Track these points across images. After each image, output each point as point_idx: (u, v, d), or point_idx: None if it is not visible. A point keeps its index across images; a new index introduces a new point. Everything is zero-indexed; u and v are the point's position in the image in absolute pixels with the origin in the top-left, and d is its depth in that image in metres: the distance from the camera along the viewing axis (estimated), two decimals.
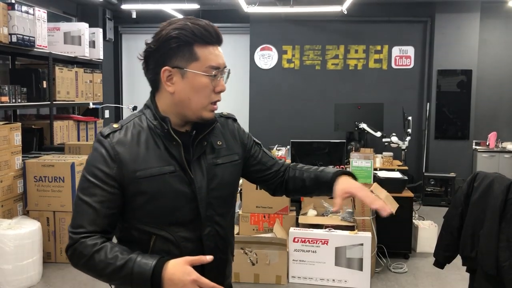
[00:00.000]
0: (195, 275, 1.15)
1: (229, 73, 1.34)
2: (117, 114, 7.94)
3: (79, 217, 1.25)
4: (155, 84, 1.34)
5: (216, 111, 1.42)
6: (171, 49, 1.26)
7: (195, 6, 6.59)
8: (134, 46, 8.06)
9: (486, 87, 7.15)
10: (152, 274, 1.16)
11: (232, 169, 1.43)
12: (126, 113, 7.88)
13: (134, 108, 6.48)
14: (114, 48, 7.90)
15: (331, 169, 1.52)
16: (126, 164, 1.26)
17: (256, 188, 4.08)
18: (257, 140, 1.58)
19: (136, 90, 8.09)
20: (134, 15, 6.97)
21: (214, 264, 1.28)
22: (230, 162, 1.42)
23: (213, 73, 1.28)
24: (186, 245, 1.31)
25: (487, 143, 6.96)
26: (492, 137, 6.93)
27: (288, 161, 1.67)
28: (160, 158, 1.29)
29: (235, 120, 1.54)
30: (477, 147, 6.94)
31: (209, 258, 1.20)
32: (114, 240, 1.33)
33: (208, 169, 1.35)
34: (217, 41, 1.30)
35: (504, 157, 6.75)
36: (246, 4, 6.36)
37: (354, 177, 1.47)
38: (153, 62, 1.31)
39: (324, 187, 1.49)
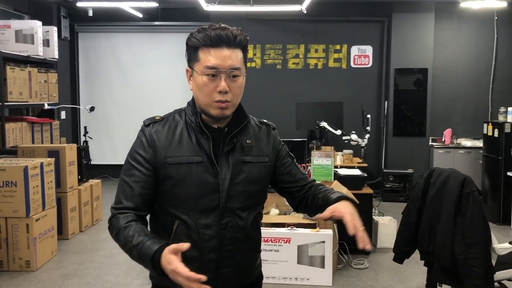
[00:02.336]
0: (174, 264, 1.20)
1: (235, 75, 1.40)
2: (74, 115, 7.71)
3: (120, 194, 1.44)
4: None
5: (257, 118, 1.61)
6: (188, 52, 1.45)
7: (154, 4, 6.47)
8: (91, 45, 7.84)
9: (441, 85, 7.37)
10: (152, 258, 1.26)
11: (260, 169, 1.52)
12: (84, 114, 7.67)
13: (92, 108, 6.30)
14: (70, 47, 7.67)
15: (339, 192, 1.57)
16: (160, 150, 1.43)
17: None
18: (291, 153, 1.66)
19: (94, 90, 7.88)
20: (90, 13, 6.79)
21: (233, 254, 1.45)
22: (259, 162, 1.51)
23: (208, 72, 1.38)
24: (205, 232, 1.42)
25: (443, 140, 7.18)
26: (447, 133, 7.15)
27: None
28: (190, 149, 1.43)
29: (273, 128, 1.64)
30: (433, 144, 7.15)
31: (186, 246, 1.23)
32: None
33: (234, 164, 1.45)
34: (220, 43, 1.38)
35: (459, 153, 6.98)
36: (206, 3, 6.30)
37: (355, 204, 1.53)
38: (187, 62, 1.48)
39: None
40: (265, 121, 1.64)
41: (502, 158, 5.60)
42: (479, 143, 6.60)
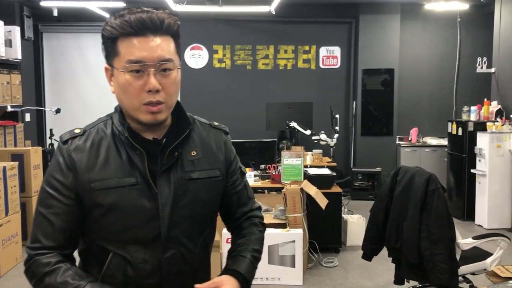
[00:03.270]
0: None
1: (166, 69, 1.14)
2: (39, 117, 7.52)
3: (36, 230, 1.17)
4: None
5: (206, 120, 1.35)
6: (104, 46, 1.17)
7: (121, 4, 6.38)
8: (57, 46, 7.66)
9: (407, 85, 7.53)
10: None
11: (210, 186, 1.26)
12: (49, 116, 7.49)
13: (58, 110, 6.17)
14: (34, 48, 7.47)
15: (239, 262, 1.30)
16: (82, 174, 1.16)
17: None
18: (243, 168, 1.40)
19: (60, 92, 7.70)
20: (55, 13, 6.63)
21: None
22: (208, 177, 1.26)
23: (131, 68, 1.11)
24: (144, 267, 1.18)
25: (409, 138, 7.34)
26: (413, 132, 7.31)
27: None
28: (120, 169, 1.17)
29: (226, 133, 1.37)
30: (400, 142, 7.30)
31: None
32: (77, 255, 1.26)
33: (178, 184, 1.20)
34: (144, 30, 1.10)
35: (425, 151, 7.15)
36: (174, 3, 6.26)
37: (241, 280, 1.27)
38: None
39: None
40: (216, 124, 1.37)
41: (466, 155, 5.77)
42: (444, 142, 6.78)
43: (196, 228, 1.25)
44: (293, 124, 6.17)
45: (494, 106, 5.90)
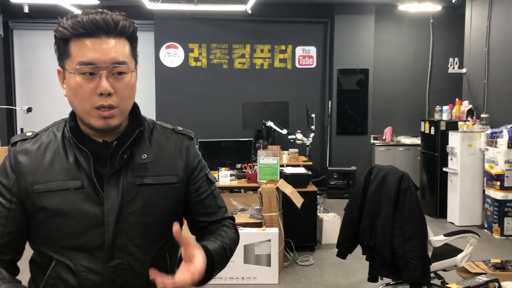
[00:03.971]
0: None
1: (120, 72, 1.09)
2: (9, 116, 7.35)
3: None
4: None
5: (170, 125, 1.28)
6: (57, 47, 1.12)
7: (95, 2, 6.28)
8: (28, 43, 7.50)
9: (382, 85, 7.64)
10: None
11: (166, 193, 1.18)
12: (20, 115, 7.33)
13: (29, 109, 6.03)
14: (4, 45, 7.29)
15: (209, 242, 1.18)
16: (25, 176, 1.12)
17: None
18: (211, 176, 1.31)
19: (31, 90, 7.53)
20: (26, 10, 6.48)
21: None
22: (164, 183, 1.18)
23: (83, 70, 1.07)
24: (87, 277, 1.12)
25: (384, 138, 7.44)
26: (387, 131, 7.42)
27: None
28: (65, 171, 1.12)
29: (190, 138, 1.29)
30: (375, 142, 7.40)
31: None
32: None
33: (127, 189, 1.13)
34: (96, 32, 1.07)
35: (399, 150, 7.27)
36: (149, 1, 6.19)
37: (209, 259, 1.11)
38: None
39: None
40: (180, 128, 1.29)
41: (438, 154, 5.88)
42: (418, 141, 6.90)
43: (149, 237, 1.16)
44: (270, 124, 6.18)
45: (465, 105, 6.04)
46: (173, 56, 7.40)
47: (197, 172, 1.27)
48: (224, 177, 4.58)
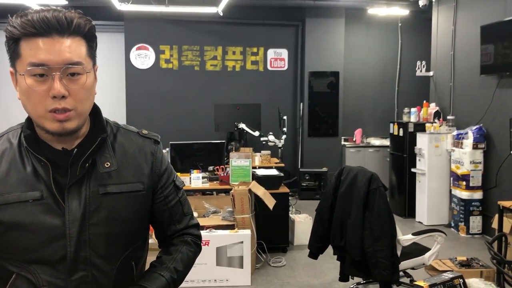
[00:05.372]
0: None
1: (74, 73, 1.04)
2: None
3: None
4: None
5: (135, 129, 1.22)
6: (7, 47, 1.05)
7: (63, 2, 6.16)
8: None
9: (352, 88, 7.76)
10: None
11: (131, 201, 1.14)
12: None
13: None
14: None
15: (153, 280, 1.16)
16: None
17: None
18: (178, 181, 1.27)
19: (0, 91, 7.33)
20: None
21: None
22: (129, 192, 1.13)
23: (34, 72, 1.01)
24: None
25: (354, 139, 7.56)
26: (358, 133, 7.54)
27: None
28: (23, 182, 1.06)
29: (156, 142, 1.23)
30: (345, 143, 7.50)
31: None
32: None
33: (90, 198, 1.08)
34: (48, 31, 1.01)
35: (368, 151, 7.39)
36: (119, 2, 6.12)
37: None
38: None
39: None
40: (145, 132, 1.24)
41: (407, 155, 6.01)
42: (387, 142, 7.03)
43: (114, 247, 1.12)
44: (242, 126, 6.19)
45: (433, 108, 6.20)
46: (144, 57, 7.33)
47: (165, 180, 1.22)
48: (196, 179, 4.57)
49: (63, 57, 1.02)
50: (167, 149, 4.98)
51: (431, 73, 6.54)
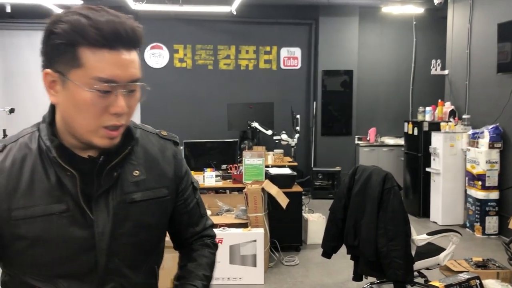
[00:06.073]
0: None
1: (132, 90, 0.98)
2: None
3: None
4: None
5: (153, 129, 1.16)
6: (52, 47, 0.93)
7: (79, 2, 6.22)
8: (10, 43, 7.39)
9: (366, 86, 7.71)
10: None
11: (157, 208, 1.09)
12: (2, 116, 7.22)
13: (11, 110, 5.96)
14: None
15: None
16: (1, 200, 0.96)
17: None
18: (196, 182, 1.22)
19: (13, 91, 7.42)
20: (8, 9, 6.39)
21: None
22: (155, 198, 1.08)
23: (102, 88, 0.91)
24: None
25: (368, 138, 7.51)
26: (371, 132, 7.49)
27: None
28: (48, 194, 0.97)
29: (176, 143, 1.17)
30: (359, 142, 7.46)
31: None
32: None
33: (117, 208, 1.02)
34: (117, 44, 0.92)
35: (382, 150, 7.34)
36: (133, 1, 6.16)
37: None
38: (42, 61, 0.98)
39: None
40: (164, 133, 1.17)
41: (421, 155, 5.96)
42: (401, 141, 6.97)
43: (140, 255, 1.09)
44: (255, 124, 6.20)
45: (448, 106, 6.13)
46: (158, 57, 7.37)
47: (185, 182, 1.18)
48: (209, 177, 4.58)
49: (129, 72, 0.95)
50: (181, 147, 5.00)
51: (446, 72, 6.47)
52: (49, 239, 0.98)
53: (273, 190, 4.14)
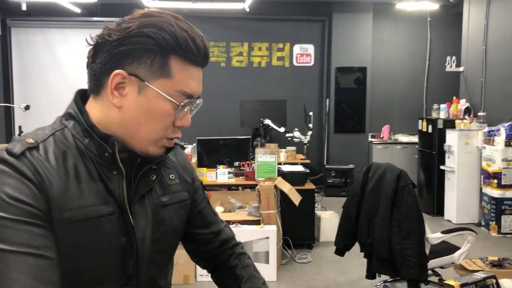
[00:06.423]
0: None
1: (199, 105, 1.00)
2: (7, 114, 7.33)
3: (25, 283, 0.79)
4: (97, 86, 0.93)
5: None
6: (137, 49, 0.88)
7: (93, 0, 6.27)
8: (26, 41, 7.47)
9: (379, 84, 7.65)
10: None
11: (181, 211, 1.06)
12: (18, 112, 7.31)
13: (27, 107, 6.03)
14: (2, 43, 7.28)
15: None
16: (54, 197, 0.84)
17: None
18: (202, 182, 1.20)
19: (29, 88, 7.51)
20: (24, 7, 6.46)
21: None
22: (179, 202, 1.05)
23: (183, 101, 0.92)
24: None
25: (381, 136, 7.45)
26: (385, 130, 7.44)
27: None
28: (95, 193, 0.90)
29: (182, 147, 1.17)
30: (373, 140, 7.41)
31: None
32: None
33: (154, 212, 0.98)
34: (203, 63, 0.95)
35: (396, 148, 7.28)
36: None
37: None
38: (106, 56, 0.90)
39: None
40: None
41: (436, 152, 5.90)
42: (415, 139, 6.91)
43: (168, 263, 1.07)
44: (267, 122, 6.19)
45: (463, 104, 6.06)
46: None
47: (197, 183, 1.15)
48: (222, 174, 4.59)
49: (200, 89, 0.97)
50: (194, 144, 5.02)
51: (461, 69, 6.39)
52: (98, 244, 0.90)
53: (286, 187, 4.13)
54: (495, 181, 5.14)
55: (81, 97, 0.98)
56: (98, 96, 0.93)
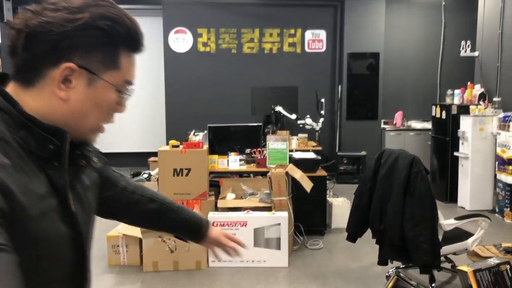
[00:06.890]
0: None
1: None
2: None
3: None
4: (33, 76, 0.85)
5: None
6: (89, 43, 0.85)
7: None
8: None
9: (392, 69, 7.56)
10: None
11: (96, 191, 1.06)
12: None
13: None
14: None
15: (194, 213, 1.35)
16: (14, 196, 0.77)
17: (173, 175, 4.01)
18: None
19: None
20: None
21: None
22: (95, 183, 1.05)
23: (126, 90, 0.93)
24: None
25: (394, 122, 7.38)
26: (398, 116, 7.36)
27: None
28: (44, 187, 0.84)
29: None
30: (385, 126, 7.34)
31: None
32: None
33: (84, 198, 0.96)
34: (142, 49, 0.94)
35: (409, 134, 7.21)
36: None
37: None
38: (48, 47, 0.83)
39: (188, 229, 1.37)
40: None
41: (449, 139, 5.83)
42: (428, 125, 6.83)
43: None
44: (279, 109, 6.16)
45: (478, 89, 5.96)
46: (181, 41, 7.38)
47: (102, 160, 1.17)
48: (233, 162, 4.59)
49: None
50: (205, 131, 5.02)
51: (476, 53, 6.28)
52: (51, 239, 0.85)
53: (297, 174, 4.12)
54: (510, 167, 5.07)
55: (5, 87, 0.88)
56: (33, 87, 0.86)
